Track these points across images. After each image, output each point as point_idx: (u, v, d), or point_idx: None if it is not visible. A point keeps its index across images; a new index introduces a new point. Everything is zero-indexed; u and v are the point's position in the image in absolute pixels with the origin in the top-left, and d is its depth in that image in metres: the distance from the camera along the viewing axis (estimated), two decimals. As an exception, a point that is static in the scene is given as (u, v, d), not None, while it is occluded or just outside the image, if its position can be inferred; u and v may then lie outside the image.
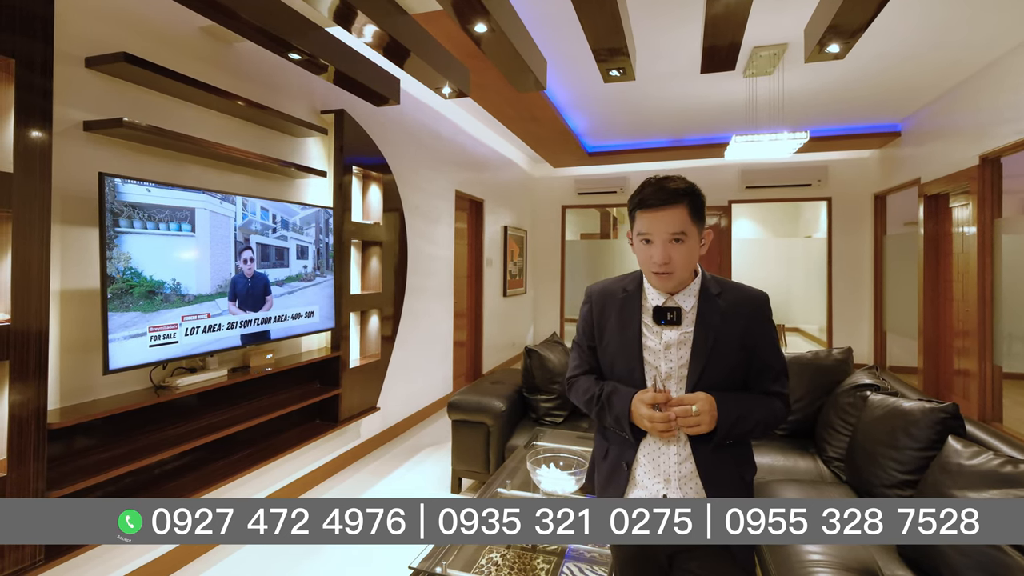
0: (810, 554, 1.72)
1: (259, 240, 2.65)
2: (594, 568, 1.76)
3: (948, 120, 4.67)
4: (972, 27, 3.42)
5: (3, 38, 1.62)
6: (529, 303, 8.11)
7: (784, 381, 1.28)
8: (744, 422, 1.19)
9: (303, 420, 3.21)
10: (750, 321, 1.24)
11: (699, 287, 1.26)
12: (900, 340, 6.31)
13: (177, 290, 2.19)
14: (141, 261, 2.04)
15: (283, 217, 2.82)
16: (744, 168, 7.19)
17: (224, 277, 2.40)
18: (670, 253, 1.18)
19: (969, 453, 1.66)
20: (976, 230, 4.11)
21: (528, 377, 3.33)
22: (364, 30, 2.49)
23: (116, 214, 1.94)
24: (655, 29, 3.40)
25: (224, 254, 2.40)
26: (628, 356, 1.27)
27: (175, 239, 2.17)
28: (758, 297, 1.28)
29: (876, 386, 2.46)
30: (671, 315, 1.23)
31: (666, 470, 1.23)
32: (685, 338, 1.23)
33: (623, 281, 1.35)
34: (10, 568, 1.67)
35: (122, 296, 1.98)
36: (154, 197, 2.08)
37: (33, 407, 1.71)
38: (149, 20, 2.30)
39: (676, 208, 1.17)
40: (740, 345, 1.23)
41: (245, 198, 2.57)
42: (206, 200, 2.27)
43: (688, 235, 1.18)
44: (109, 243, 1.93)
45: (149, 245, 2.08)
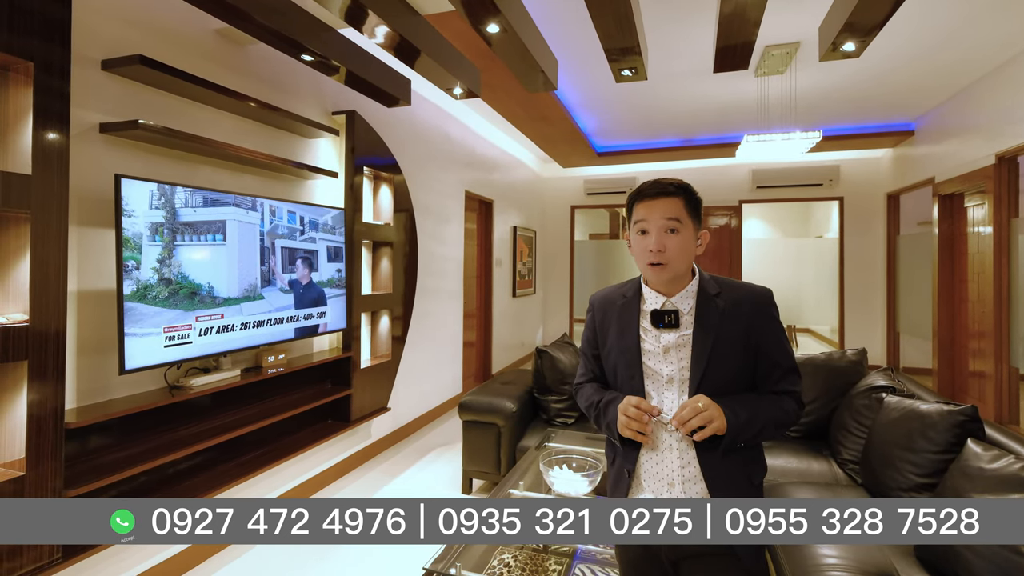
0: (826, 557, 1.70)
1: (285, 244, 2.74)
2: (605, 569, 1.76)
3: (963, 119, 4.61)
4: (987, 25, 3.37)
5: (22, 42, 1.64)
6: (538, 303, 8.10)
7: (794, 378, 1.24)
8: (753, 424, 1.16)
9: (315, 420, 3.23)
10: (752, 319, 1.21)
11: (697, 288, 1.24)
12: (914, 341, 6.24)
13: (211, 292, 2.34)
14: (188, 267, 2.23)
15: (311, 218, 2.93)
16: (755, 168, 7.15)
17: (250, 281, 2.54)
18: (664, 242, 1.18)
19: (989, 457, 1.64)
20: (992, 230, 4.06)
21: (539, 378, 3.33)
22: (375, 31, 2.50)
23: (174, 231, 2.16)
24: (667, 28, 3.38)
25: (251, 260, 2.55)
26: (628, 362, 1.26)
27: (211, 247, 2.35)
28: (759, 293, 1.25)
29: (892, 388, 2.43)
30: (668, 318, 1.21)
31: (669, 474, 1.21)
32: (684, 341, 1.21)
33: (623, 288, 1.35)
34: (29, 565, 1.69)
35: (175, 295, 2.17)
36: (199, 215, 2.28)
37: (51, 407, 1.73)
38: (164, 23, 2.32)
39: (672, 198, 1.19)
40: (743, 345, 1.20)
41: (272, 202, 2.66)
42: (236, 212, 2.45)
43: (683, 226, 1.19)
44: (165, 254, 2.12)
45: (193, 254, 2.25)
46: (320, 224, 3.00)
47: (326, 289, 3.06)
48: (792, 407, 1.22)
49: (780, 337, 1.24)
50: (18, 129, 1.69)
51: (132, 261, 2.00)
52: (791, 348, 1.27)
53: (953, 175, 4.72)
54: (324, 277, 3.04)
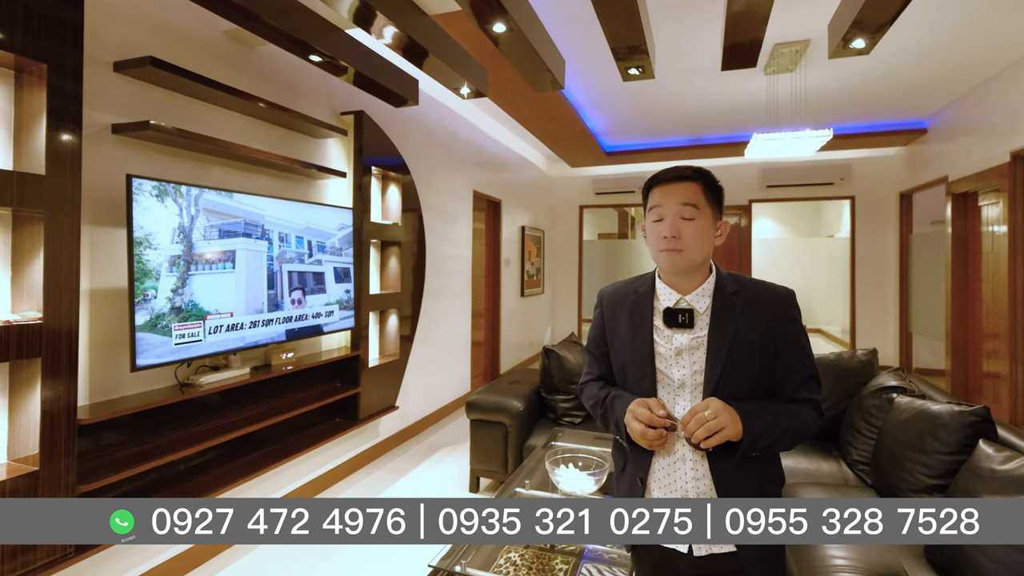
0: (834, 558, 1.69)
1: (293, 268, 2.78)
2: (612, 569, 1.75)
3: (977, 116, 4.55)
4: (1001, 20, 3.32)
5: (36, 45, 1.67)
6: (546, 303, 8.10)
7: (814, 386, 1.16)
8: (771, 432, 1.08)
9: (323, 418, 3.25)
10: (772, 321, 1.13)
11: (714, 286, 1.17)
12: (926, 342, 6.16)
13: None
14: (199, 295, 2.27)
15: (318, 242, 2.96)
16: (765, 167, 7.09)
17: (256, 307, 2.57)
18: (679, 228, 1.11)
19: (1001, 458, 1.62)
20: (1007, 229, 4.00)
21: (546, 377, 3.33)
22: (383, 31, 2.51)
23: (188, 262, 2.22)
24: (674, 27, 3.37)
25: (258, 286, 2.60)
26: (639, 363, 1.18)
27: (220, 275, 2.39)
28: (781, 294, 1.17)
29: (903, 388, 2.41)
30: (683, 317, 1.14)
31: (683, 485, 1.14)
32: (698, 342, 1.13)
33: (635, 282, 1.26)
34: (42, 560, 1.72)
35: (185, 320, 2.21)
36: (212, 246, 2.33)
37: (64, 403, 1.76)
38: (174, 25, 2.35)
39: (689, 183, 1.14)
40: (761, 348, 1.12)
41: (281, 227, 2.69)
42: (245, 242, 2.51)
43: (700, 212, 1.12)
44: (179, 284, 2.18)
45: (204, 282, 2.30)
46: (327, 247, 3.02)
47: (336, 309, 3.11)
48: (812, 416, 1.14)
49: (802, 341, 1.16)
50: (32, 130, 1.72)
51: (152, 290, 2.07)
52: (813, 354, 1.19)
53: (967, 173, 4.66)
54: (332, 298, 3.07)
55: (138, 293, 2.01)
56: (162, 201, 2.10)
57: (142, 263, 2.02)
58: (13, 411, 1.75)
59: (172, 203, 2.14)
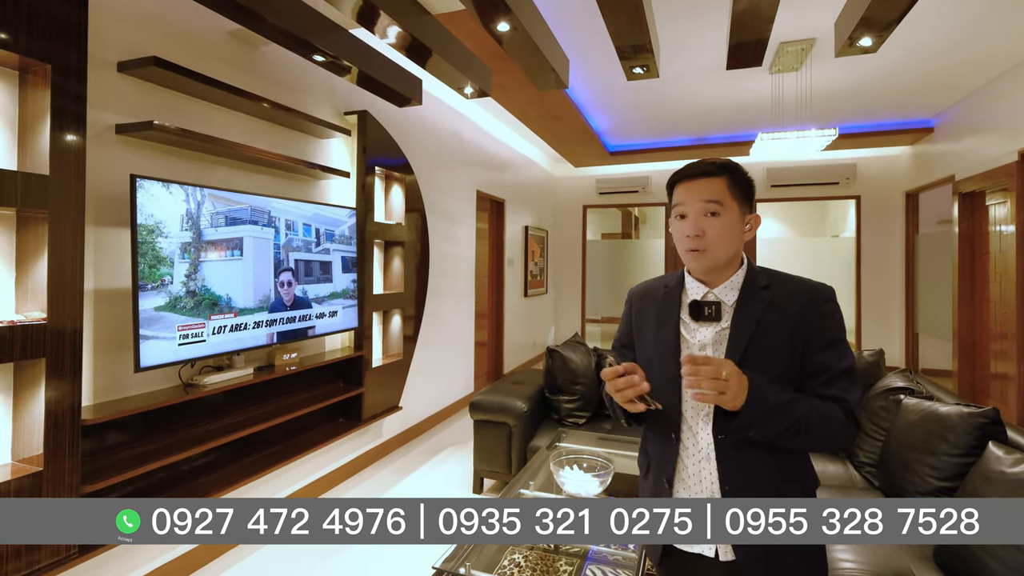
0: (842, 561, 1.68)
1: (300, 257, 2.79)
2: (617, 570, 1.74)
3: (984, 115, 4.51)
4: (1009, 19, 3.29)
5: (40, 45, 1.67)
6: (550, 303, 8.08)
7: (845, 385, 1.06)
8: (778, 416, 1.01)
9: (327, 419, 3.25)
10: (802, 314, 1.07)
11: (743, 279, 1.13)
12: (933, 342, 6.11)
13: (230, 303, 2.43)
14: (210, 280, 2.32)
15: (327, 230, 2.97)
16: (769, 167, 7.06)
17: (264, 293, 2.61)
18: (703, 226, 1.08)
19: (1011, 460, 1.60)
20: (1015, 228, 3.97)
21: (550, 378, 3.32)
22: (387, 31, 2.50)
23: (199, 249, 2.27)
24: (679, 26, 3.35)
25: (265, 273, 2.63)
26: (664, 357, 1.15)
27: (230, 263, 2.44)
28: (818, 289, 1.10)
29: (910, 389, 2.39)
30: (709, 310, 1.10)
31: (709, 486, 1.11)
32: (723, 336, 1.10)
33: (665, 279, 1.24)
34: (47, 559, 1.72)
35: (198, 305, 2.26)
36: (219, 233, 2.38)
37: (68, 404, 1.76)
38: (178, 25, 2.35)
39: (712, 178, 1.10)
40: (789, 341, 1.06)
41: (288, 216, 2.71)
42: (252, 229, 2.54)
43: (725, 208, 1.08)
44: (192, 270, 2.24)
45: (214, 268, 2.35)
46: (336, 235, 3.05)
47: (340, 300, 3.11)
48: (838, 417, 1.03)
49: (836, 335, 1.09)
50: (36, 130, 1.72)
51: (168, 276, 2.11)
52: (851, 353, 1.09)
53: (974, 172, 4.62)
54: (338, 288, 3.08)
55: (156, 279, 2.07)
56: (167, 188, 2.13)
57: (156, 251, 2.07)
58: (17, 411, 1.75)
59: (179, 189, 2.17)
